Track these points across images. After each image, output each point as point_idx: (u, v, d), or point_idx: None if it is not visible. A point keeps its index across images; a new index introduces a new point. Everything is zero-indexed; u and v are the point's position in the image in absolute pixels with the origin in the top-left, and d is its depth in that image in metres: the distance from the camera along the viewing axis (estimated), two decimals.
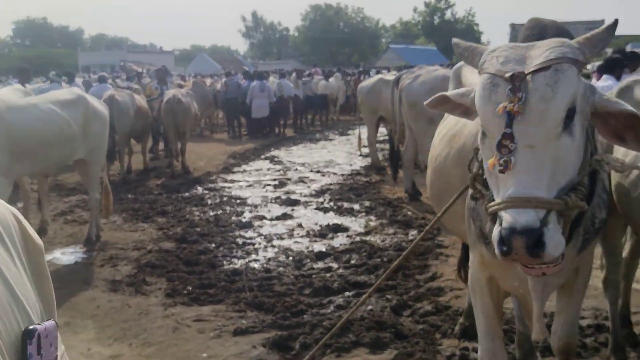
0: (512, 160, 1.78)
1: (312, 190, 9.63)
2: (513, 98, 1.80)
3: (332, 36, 59.23)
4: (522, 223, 1.71)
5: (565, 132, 1.84)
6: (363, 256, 6.09)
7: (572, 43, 1.95)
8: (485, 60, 2.01)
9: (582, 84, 1.94)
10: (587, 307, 4.55)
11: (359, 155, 13.24)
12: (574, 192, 1.86)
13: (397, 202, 8.58)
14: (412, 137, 8.45)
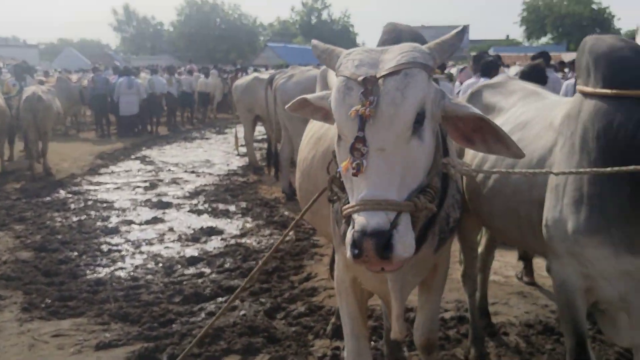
0: (364, 163, 1.78)
1: (186, 192, 9.33)
2: (365, 101, 1.80)
3: (208, 32, 58.12)
4: (373, 225, 1.72)
5: (414, 136, 1.86)
6: (237, 259, 5.97)
7: (422, 48, 1.98)
8: (341, 63, 2.00)
9: (433, 88, 1.97)
10: (450, 300, 4.76)
11: (236, 155, 13.06)
12: (423, 194, 1.89)
13: (274, 203, 8.54)
14: (288, 136, 8.44)
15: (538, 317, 4.48)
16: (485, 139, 2.03)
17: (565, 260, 2.61)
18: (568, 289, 2.65)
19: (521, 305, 4.76)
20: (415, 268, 2.55)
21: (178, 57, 56.21)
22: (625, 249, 2.37)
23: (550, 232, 2.62)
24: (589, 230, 2.43)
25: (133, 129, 16.75)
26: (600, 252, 2.43)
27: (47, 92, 10.79)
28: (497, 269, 5.51)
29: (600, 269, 2.48)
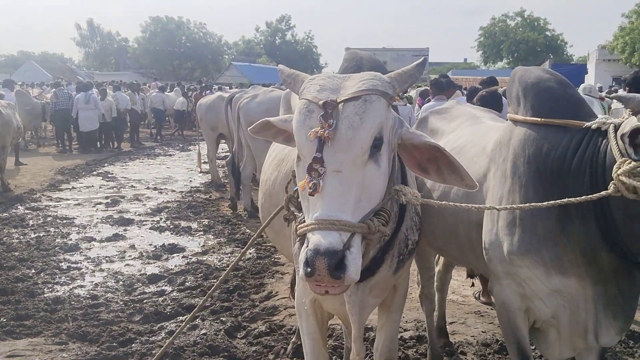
0: (321, 183, 1.83)
1: (148, 209, 9.27)
2: (324, 124, 1.86)
3: (173, 50, 57.88)
4: (326, 245, 1.74)
5: (371, 160, 1.92)
6: (199, 277, 5.96)
7: (383, 77, 2.06)
8: (304, 88, 2.06)
9: (391, 116, 2.05)
10: (409, 320, 4.84)
11: (199, 172, 13.01)
12: (377, 217, 1.94)
13: (236, 220, 8.54)
14: (250, 155, 8.49)
15: (495, 336, 4.59)
16: (440, 170, 2.11)
17: (504, 281, 2.73)
18: (509, 310, 2.75)
19: (478, 324, 4.87)
20: (374, 290, 2.60)
21: (142, 73, 55.66)
22: (556, 268, 2.51)
23: (489, 254, 2.75)
24: (521, 251, 2.56)
25: (95, 145, 16.54)
26: (533, 272, 2.56)
27: (6, 107, 10.59)
28: (455, 289, 5.63)
29: (534, 289, 2.60)
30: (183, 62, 59.15)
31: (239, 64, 55.22)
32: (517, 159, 2.66)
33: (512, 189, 2.64)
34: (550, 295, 2.58)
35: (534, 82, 2.77)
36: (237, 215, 8.83)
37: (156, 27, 58.43)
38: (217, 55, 62.12)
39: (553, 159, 2.51)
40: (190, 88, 25.95)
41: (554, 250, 2.50)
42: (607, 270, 2.45)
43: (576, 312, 2.57)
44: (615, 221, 2.33)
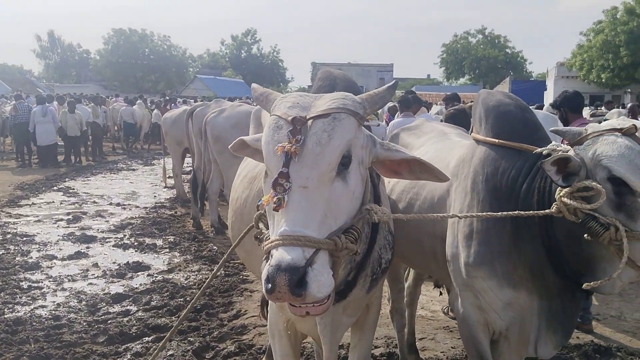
0: (286, 198, 1.81)
1: (111, 225, 9.07)
2: (292, 139, 1.86)
3: (137, 62, 57.00)
4: (287, 261, 1.71)
5: (338, 178, 1.91)
6: (165, 296, 5.84)
7: (354, 97, 2.07)
8: (276, 105, 2.06)
9: (362, 135, 2.05)
10: (379, 336, 4.83)
11: (164, 187, 12.82)
12: (346, 234, 1.91)
13: (202, 237, 8.42)
14: (217, 170, 8.41)
15: (464, 352, 4.60)
16: (412, 170, 2.15)
17: (463, 294, 2.85)
18: (469, 323, 2.86)
19: (448, 340, 4.89)
20: (347, 309, 2.59)
21: (104, 86, 54.86)
22: (507, 281, 2.66)
23: (450, 267, 2.89)
24: (476, 262, 2.71)
25: (55, 159, 16.18)
26: (487, 283, 2.70)
27: None
28: (424, 304, 5.65)
29: (489, 301, 2.74)
30: (146, 75, 58.39)
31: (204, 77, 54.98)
32: (476, 176, 2.83)
33: (471, 204, 2.79)
34: (505, 308, 2.71)
35: (495, 105, 2.95)
36: (204, 232, 8.71)
37: (119, 39, 57.59)
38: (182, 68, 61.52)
39: (508, 179, 2.70)
40: (154, 101, 25.69)
41: (506, 265, 2.66)
42: (552, 288, 2.61)
43: (524, 324, 2.73)
44: (558, 243, 2.50)
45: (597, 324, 5.25)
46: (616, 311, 5.58)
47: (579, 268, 2.48)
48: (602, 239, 2.25)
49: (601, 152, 2.32)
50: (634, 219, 2.24)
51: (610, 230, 2.23)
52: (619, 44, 31.95)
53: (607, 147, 2.32)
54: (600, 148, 2.33)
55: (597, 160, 2.32)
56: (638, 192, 2.22)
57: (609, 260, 2.36)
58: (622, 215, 2.25)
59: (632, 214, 2.24)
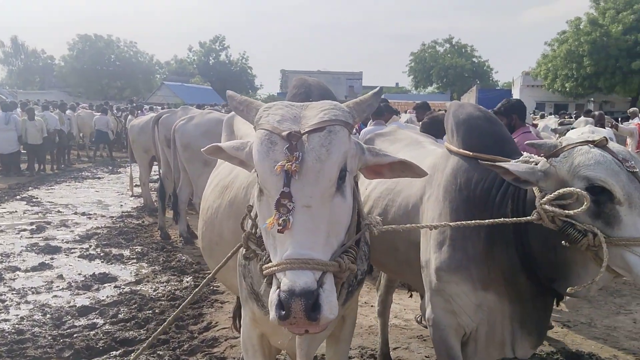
0: (291, 219, 1.74)
1: (76, 236, 8.82)
2: (290, 157, 1.78)
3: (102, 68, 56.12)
4: (302, 285, 1.66)
5: (337, 193, 1.86)
6: (133, 309, 5.68)
7: (343, 107, 2.01)
8: (261, 117, 1.98)
9: (353, 144, 2.00)
10: (354, 346, 4.77)
11: (131, 196, 12.58)
12: (346, 254, 1.87)
13: (171, 247, 8.26)
14: (186, 178, 8.26)
15: None
16: (393, 169, 2.13)
17: (435, 299, 2.90)
18: (440, 328, 2.90)
19: (422, 349, 4.86)
20: None
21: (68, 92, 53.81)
22: (481, 285, 2.74)
23: (424, 272, 2.95)
24: (452, 267, 2.77)
25: (17, 167, 15.77)
26: (461, 287, 2.77)
27: None
28: (398, 312, 5.62)
29: (461, 304, 2.80)
30: (112, 81, 57.52)
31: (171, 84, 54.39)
32: (449, 185, 2.90)
33: (444, 212, 2.86)
34: (476, 310, 2.79)
35: (464, 118, 3.04)
36: (172, 242, 8.55)
37: (84, 45, 56.65)
38: (149, 74, 60.80)
39: (481, 190, 2.79)
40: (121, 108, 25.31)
41: (481, 270, 2.73)
42: (524, 292, 2.69)
43: (493, 326, 2.81)
44: (532, 250, 2.58)
45: (567, 331, 5.29)
46: (586, 318, 5.64)
47: (552, 273, 2.56)
48: (580, 245, 2.32)
49: (579, 163, 2.39)
50: (612, 225, 2.30)
51: (588, 236, 2.29)
52: (583, 53, 32.75)
53: (583, 157, 2.40)
54: (577, 159, 2.40)
55: (575, 171, 2.39)
56: (617, 199, 2.29)
57: (583, 266, 2.45)
58: (600, 222, 2.32)
59: (609, 221, 2.31)
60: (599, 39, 31.73)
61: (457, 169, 2.91)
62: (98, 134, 19.87)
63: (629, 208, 2.29)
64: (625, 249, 2.27)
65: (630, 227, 2.27)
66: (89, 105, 28.01)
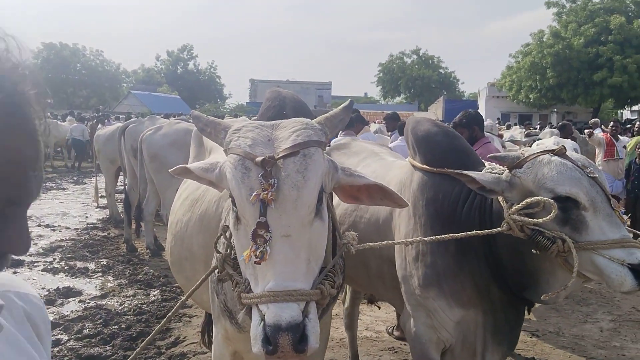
0: (268, 250, 1.69)
1: (40, 249, 8.59)
2: (266, 185, 1.72)
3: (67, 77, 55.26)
4: (288, 319, 1.64)
5: (316, 217, 1.82)
6: (98, 324, 5.53)
7: (315, 125, 1.95)
8: (231, 140, 1.90)
9: (327, 163, 1.95)
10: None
11: (96, 207, 12.34)
12: (327, 279, 1.85)
13: (137, 260, 8.10)
14: (153, 189, 8.13)
15: None
16: (372, 196, 2.07)
17: (416, 314, 2.90)
18: (421, 342, 2.90)
19: None
20: None
21: None
22: (456, 301, 2.75)
23: (403, 288, 2.94)
24: (425, 284, 2.79)
25: None
26: (437, 303, 2.78)
27: None
28: (369, 324, 5.60)
29: (440, 320, 2.81)
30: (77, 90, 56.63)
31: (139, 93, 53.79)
32: (417, 201, 2.91)
33: (414, 228, 2.88)
34: (454, 326, 2.81)
35: (423, 135, 3.06)
36: (139, 255, 8.39)
37: (49, 54, 55.69)
38: (115, 83, 60.04)
39: (448, 204, 2.83)
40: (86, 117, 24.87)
41: (453, 285, 2.74)
42: (497, 302, 2.74)
43: (468, 336, 2.84)
44: (501, 259, 2.64)
45: (536, 340, 5.34)
46: (554, 327, 5.70)
47: (522, 282, 2.60)
48: (550, 252, 2.36)
49: (542, 175, 2.45)
50: (579, 231, 2.37)
51: (558, 243, 2.35)
52: (546, 65, 33.48)
53: (546, 168, 2.46)
54: (541, 171, 2.47)
55: (540, 183, 2.45)
56: (582, 205, 2.36)
57: (551, 273, 2.51)
58: (568, 229, 2.38)
59: (577, 226, 2.37)
60: (562, 51, 32.48)
61: (422, 184, 2.93)
62: (74, 143, 19.50)
63: (594, 213, 2.36)
64: (594, 252, 2.34)
65: (597, 231, 2.34)
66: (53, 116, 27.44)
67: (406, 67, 63.81)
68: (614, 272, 2.30)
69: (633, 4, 33.92)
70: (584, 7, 34.19)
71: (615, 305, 6.32)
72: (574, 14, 34.25)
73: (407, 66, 63.92)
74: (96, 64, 58.60)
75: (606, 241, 2.32)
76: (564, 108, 39.00)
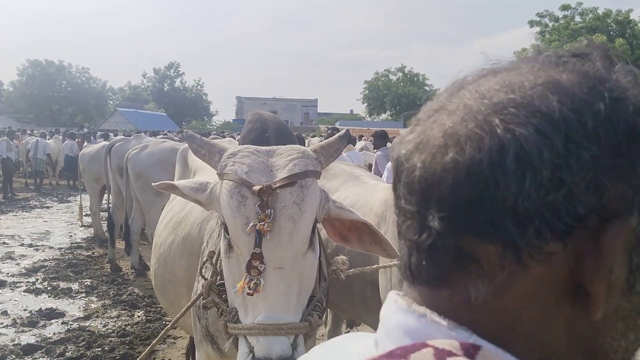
0: (262, 282, 1.68)
1: (22, 269, 8.47)
2: (262, 215, 1.71)
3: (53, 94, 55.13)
4: (279, 353, 1.64)
5: (309, 249, 1.81)
6: (81, 346, 5.45)
7: (310, 153, 1.95)
8: (226, 165, 1.88)
9: (320, 193, 1.95)
10: None
11: (80, 226, 12.21)
12: (315, 310, 1.84)
13: (122, 280, 8.02)
14: (139, 208, 8.08)
15: None
16: (362, 239, 2.04)
17: None
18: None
19: None
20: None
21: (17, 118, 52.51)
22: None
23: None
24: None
25: None
26: None
27: None
28: None
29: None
30: (63, 107, 56.49)
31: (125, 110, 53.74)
32: None
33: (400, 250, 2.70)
34: None
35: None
36: (123, 274, 8.30)
37: (34, 71, 55.55)
38: (101, 100, 59.96)
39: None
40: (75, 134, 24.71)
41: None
42: None
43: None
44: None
45: None
46: None
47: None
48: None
49: None
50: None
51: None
52: None
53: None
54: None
55: None
56: None
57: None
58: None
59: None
60: None
61: None
62: (67, 160, 19.37)
63: None
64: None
65: None
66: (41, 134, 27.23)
67: (392, 84, 64.31)
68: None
69: (614, 23, 34.53)
70: (567, 26, 34.75)
71: None
72: (557, 33, 34.78)
73: (393, 83, 64.42)
74: (82, 81, 58.52)
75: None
76: None
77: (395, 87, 63.57)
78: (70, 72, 58.25)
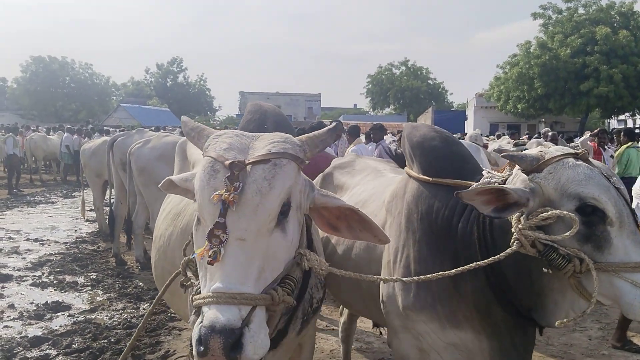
0: (222, 251, 1.69)
1: (28, 263, 8.54)
2: (230, 187, 1.73)
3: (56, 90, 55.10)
4: (223, 322, 1.60)
5: (277, 228, 1.81)
6: (87, 339, 5.50)
7: (294, 140, 1.97)
8: (210, 144, 1.93)
9: (302, 180, 1.96)
10: None
11: (85, 221, 12.28)
12: (282, 286, 1.81)
13: (127, 273, 8.07)
14: (142, 202, 8.11)
15: None
16: (351, 227, 2.05)
17: (401, 335, 2.72)
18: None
19: None
20: (277, 353, 2.47)
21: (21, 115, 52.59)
22: (450, 323, 2.52)
23: (386, 308, 2.74)
24: (417, 307, 2.57)
25: None
26: (429, 326, 2.56)
27: None
28: (359, 336, 5.60)
29: (430, 342, 2.60)
30: (67, 104, 56.47)
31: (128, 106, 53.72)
32: (410, 214, 2.70)
33: (406, 243, 2.66)
34: (447, 348, 2.58)
35: (419, 141, 2.82)
36: (129, 268, 8.36)
37: (38, 67, 55.53)
38: (104, 96, 59.91)
39: (443, 218, 2.57)
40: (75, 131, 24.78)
41: (448, 306, 2.50)
42: (501, 325, 2.45)
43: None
44: (506, 277, 2.35)
45: None
46: (543, 335, 5.71)
47: (529, 302, 2.34)
48: (565, 272, 2.10)
49: (568, 179, 2.13)
50: (602, 249, 2.07)
51: (575, 262, 2.07)
52: (533, 76, 33.74)
53: (571, 172, 2.14)
54: (565, 175, 2.14)
55: (564, 188, 2.13)
56: (609, 219, 2.07)
57: (561, 293, 2.24)
58: (589, 246, 2.09)
59: (600, 244, 2.07)
60: (549, 61, 32.75)
61: (417, 195, 2.71)
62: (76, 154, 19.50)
63: (620, 229, 2.07)
64: (615, 274, 2.04)
65: (621, 250, 2.05)
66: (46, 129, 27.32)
67: (395, 78, 64.17)
68: (637, 299, 2.01)
69: (618, 14, 34.31)
70: (570, 18, 34.55)
71: (604, 314, 6.36)
72: (560, 25, 34.60)
73: (396, 77, 64.28)
74: (85, 77, 58.48)
75: (629, 263, 2.02)
76: (552, 118, 39.31)
77: (398, 81, 63.45)
78: (74, 68, 58.17)
